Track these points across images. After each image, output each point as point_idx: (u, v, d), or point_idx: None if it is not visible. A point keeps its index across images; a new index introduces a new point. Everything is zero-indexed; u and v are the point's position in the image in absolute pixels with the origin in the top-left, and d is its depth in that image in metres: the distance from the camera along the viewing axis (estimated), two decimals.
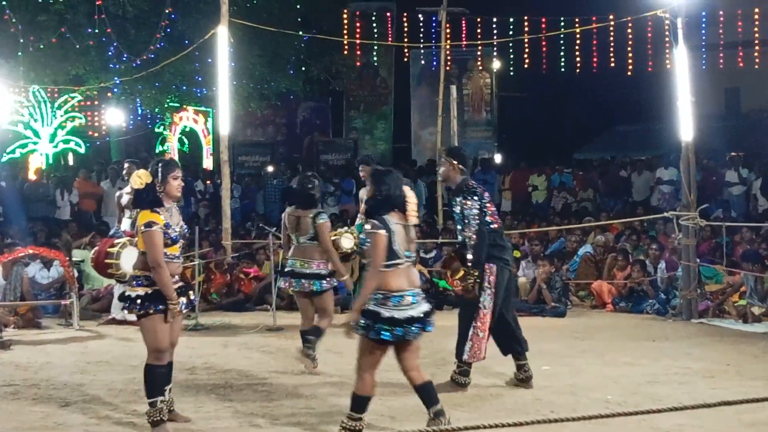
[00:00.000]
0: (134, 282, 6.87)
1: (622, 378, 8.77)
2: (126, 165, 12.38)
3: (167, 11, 20.67)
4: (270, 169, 24.93)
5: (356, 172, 13.68)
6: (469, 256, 7.96)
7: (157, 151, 27.36)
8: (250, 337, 11.59)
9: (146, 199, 6.83)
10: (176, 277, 6.99)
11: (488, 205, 8.17)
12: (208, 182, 22.94)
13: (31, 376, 9.03)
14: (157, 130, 27.96)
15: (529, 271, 14.90)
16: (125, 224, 11.28)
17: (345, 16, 27.79)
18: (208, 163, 27.95)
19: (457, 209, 8.11)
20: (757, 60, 27.59)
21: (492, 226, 8.09)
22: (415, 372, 6.55)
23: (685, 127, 12.94)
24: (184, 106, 26.88)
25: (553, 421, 6.94)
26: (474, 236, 7.93)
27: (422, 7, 27.30)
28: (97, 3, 20.31)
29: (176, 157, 26.38)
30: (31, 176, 22.79)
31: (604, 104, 33.96)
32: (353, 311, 6.43)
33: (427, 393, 6.58)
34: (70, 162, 26.55)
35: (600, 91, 32.43)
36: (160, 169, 6.89)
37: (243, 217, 20.56)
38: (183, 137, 28.05)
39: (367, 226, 6.40)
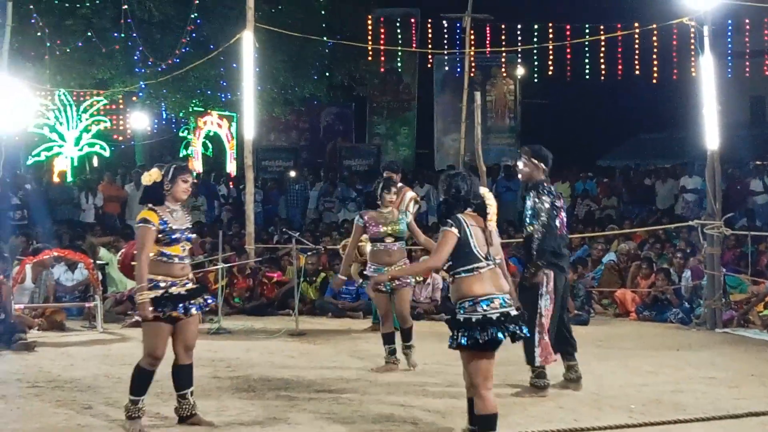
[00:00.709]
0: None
1: (645, 387, 8.71)
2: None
3: (193, 16, 20.79)
4: (293, 174, 24.99)
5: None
6: (534, 247, 8.11)
7: (181, 155, 27.51)
8: (272, 342, 11.61)
9: (149, 195, 6.99)
10: (184, 279, 6.99)
11: (560, 210, 8.33)
12: (231, 185, 23.02)
13: (54, 377, 9.06)
14: (181, 134, 28.10)
15: None
16: None
17: (369, 22, 27.86)
18: (231, 167, 28.04)
19: (529, 203, 8.26)
20: None
21: (556, 230, 8.23)
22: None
23: (711, 136, 12.87)
24: (209, 111, 26.99)
25: (577, 430, 6.93)
26: (542, 229, 8.10)
27: (446, 14, 27.30)
28: (123, 7, 20.46)
29: (200, 162, 26.58)
30: (55, 179, 22.95)
31: (629, 112, 33.82)
32: (389, 275, 7.17)
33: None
34: (95, 165, 26.71)
35: (624, 99, 32.31)
36: (171, 170, 7.03)
37: (265, 221, 20.61)
38: (207, 141, 28.16)
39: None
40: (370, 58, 27.62)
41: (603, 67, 28.06)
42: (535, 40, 26.02)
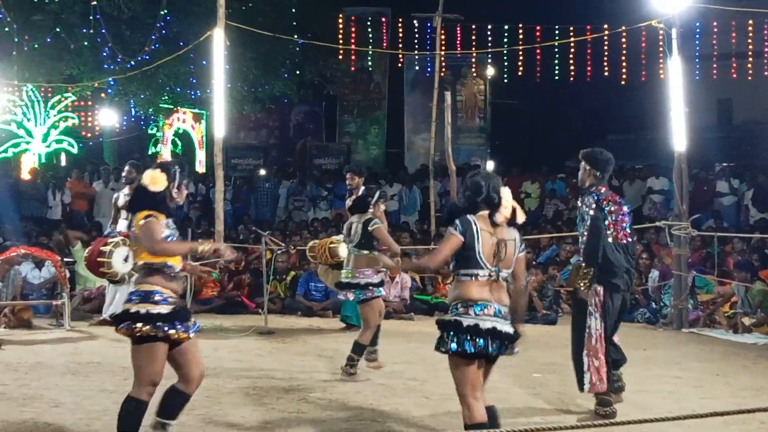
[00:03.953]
0: (132, 297, 6.11)
1: None
2: (127, 168, 12.40)
3: (162, 12, 20.67)
4: (262, 172, 24.93)
5: None
6: (581, 251, 7.67)
7: (150, 152, 27.33)
8: (241, 340, 11.59)
9: (153, 204, 6.05)
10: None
11: (619, 217, 7.80)
12: (200, 184, 22.92)
13: (21, 376, 9.01)
14: (150, 131, 27.94)
15: None
16: (122, 225, 11.32)
17: (340, 20, 27.82)
18: (200, 165, 27.92)
19: (580, 209, 7.87)
20: (750, 71, 27.68)
21: (608, 238, 7.65)
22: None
23: (678, 138, 12.99)
24: (178, 108, 26.85)
25: (541, 430, 6.95)
26: (585, 232, 7.65)
27: (417, 13, 27.34)
28: (92, 3, 20.30)
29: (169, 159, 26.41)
30: (25, 176, 22.76)
31: (597, 113, 34.00)
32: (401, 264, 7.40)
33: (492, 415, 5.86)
34: (63, 162, 26.50)
35: (593, 101, 32.47)
36: (178, 174, 6.18)
37: (234, 220, 20.53)
38: (176, 139, 28.01)
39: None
40: (340, 57, 27.56)
41: (572, 68, 28.18)
42: (506, 41, 26.11)
